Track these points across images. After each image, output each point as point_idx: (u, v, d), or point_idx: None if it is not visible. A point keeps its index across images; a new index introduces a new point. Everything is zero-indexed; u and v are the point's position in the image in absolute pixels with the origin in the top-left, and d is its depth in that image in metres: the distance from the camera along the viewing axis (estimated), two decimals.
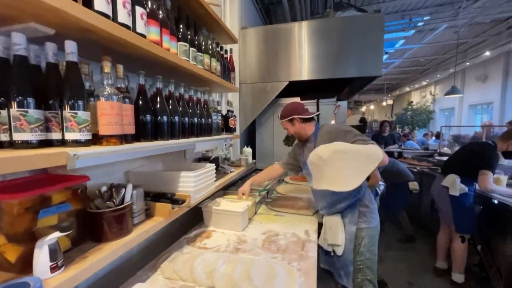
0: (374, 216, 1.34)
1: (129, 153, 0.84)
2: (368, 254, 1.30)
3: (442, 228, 2.34)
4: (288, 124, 1.52)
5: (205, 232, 1.37)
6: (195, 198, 1.17)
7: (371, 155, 1.20)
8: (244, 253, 1.14)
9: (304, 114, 1.46)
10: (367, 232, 1.30)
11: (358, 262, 1.30)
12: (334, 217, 1.35)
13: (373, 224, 1.32)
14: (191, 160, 1.81)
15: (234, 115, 1.89)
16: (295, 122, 1.48)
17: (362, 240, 1.30)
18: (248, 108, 2.63)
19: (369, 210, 1.33)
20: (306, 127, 1.49)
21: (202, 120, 1.34)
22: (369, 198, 1.37)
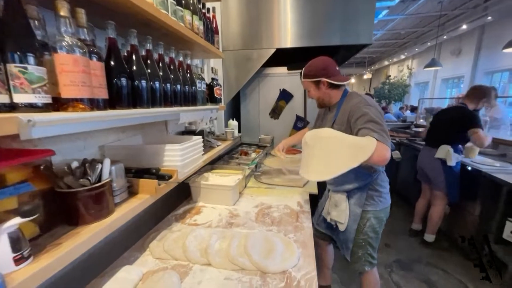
0: (383, 200, 1.24)
1: (103, 121, 0.70)
2: (371, 233, 1.25)
3: (423, 195, 2.48)
4: (311, 86, 1.24)
5: (194, 208, 1.30)
6: (183, 173, 1.07)
7: (358, 151, 0.98)
8: (238, 227, 1.10)
9: (336, 79, 1.18)
10: (374, 214, 1.23)
11: (360, 240, 1.26)
12: (340, 195, 1.27)
13: (381, 207, 1.24)
14: (173, 133, 1.68)
15: (219, 83, 1.73)
16: (321, 85, 1.21)
17: (367, 221, 1.24)
18: (232, 78, 2.46)
19: (378, 194, 1.23)
20: (333, 94, 1.23)
21: (185, 87, 1.19)
22: (380, 182, 1.24)
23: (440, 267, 2.04)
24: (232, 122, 2.31)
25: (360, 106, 1.10)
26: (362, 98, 1.15)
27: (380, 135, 1.00)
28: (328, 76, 1.18)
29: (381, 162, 0.98)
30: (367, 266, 1.29)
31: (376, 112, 1.07)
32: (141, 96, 0.86)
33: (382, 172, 1.27)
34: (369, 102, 1.12)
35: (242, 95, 2.74)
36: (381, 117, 1.06)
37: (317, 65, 1.21)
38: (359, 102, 1.13)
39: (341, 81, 1.21)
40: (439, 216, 2.25)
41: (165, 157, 1.03)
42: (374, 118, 1.04)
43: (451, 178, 2.13)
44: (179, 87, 1.12)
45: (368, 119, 1.04)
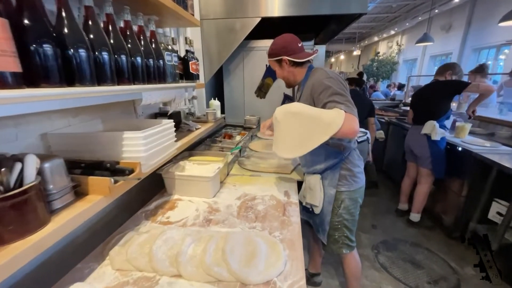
0: (357, 179, 1.21)
1: (16, 106, 0.50)
2: (347, 215, 1.22)
3: (407, 174, 2.49)
4: (275, 65, 1.21)
5: (168, 202, 1.15)
6: (149, 166, 0.90)
7: (327, 124, 0.93)
8: (217, 225, 0.96)
9: (297, 56, 1.14)
10: (348, 195, 1.20)
11: (336, 222, 1.23)
12: (314, 177, 1.22)
13: (355, 187, 1.20)
14: (144, 116, 1.46)
15: (196, 57, 1.50)
16: (283, 64, 1.17)
17: (341, 203, 1.20)
18: (213, 52, 2.20)
19: (352, 174, 1.19)
20: (296, 72, 1.18)
21: (149, 60, 0.98)
22: (353, 161, 1.20)
23: (424, 246, 2.06)
24: (214, 102, 2.10)
25: (321, 79, 1.04)
26: (323, 71, 1.09)
27: (346, 107, 0.95)
28: (288, 54, 1.14)
29: (350, 135, 0.94)
30: (345, 248, 1.27)
31: (339, 84, 1.02)
32: (80, 71, 0.65)
33: (353, 150, 1.22)
34: (330, 75, 1.05)
35: (225, 72, 2.49)
36: (344, 88, 1.02)
37: (278, 44, 1.17)
38: (319, 75, 1.07)
39: (303, 58, 1.14)
40: (425, 195, 2.26)
41: (125, 147, 0.85)
42: (337, 90, 0.99)
43: (437, 154, 2.14)
44: (139, 59, 0.90)
45: (332, 92, 0.99)
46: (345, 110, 0.93)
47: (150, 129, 0.88)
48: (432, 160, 2.16)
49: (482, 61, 6.60)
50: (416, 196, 2.30)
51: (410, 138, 2.38)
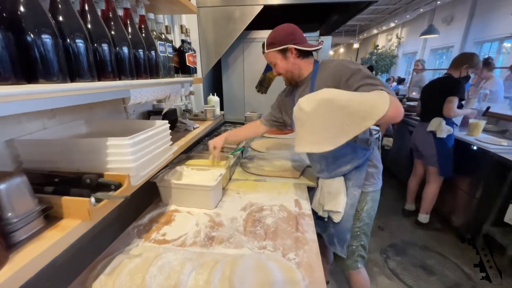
0: (381, 177, 1.11)
1: None
2: (367, 219, 1.09)
3: (414, 173, 2.40)
4: (277, 57, 1.03)
5: (164, 215, 1.01)
6: (140, 177, 0.76)
7: (371, 107, 0.76)
8: (221, 244, 0.83)
9: (304, 44, 0.99)
10: (372, 196, 1.08)
11: (356, 228, 1.09)
12: (336, 180, 1.07)
13: (379, 186, 1.10)
14: (136, 115, 1.31)
15: (193, 48, 1.34)
16: (289, 54, 1.01)
17: (365, 205, 1.08)
18: (210, 43, 2.03)
19: (378, 171, 1.08)
20: (303, 64, 1.03)
21: (138, 51, 0.82)
22: (377, 156, 1.10)
23: (435, 250, 1.97)
24: (213, 98, 1.95)
25: (346, 64, 0.93)
26: (339, 61, 0.97)
27: (386, 88, 0.82)
28: (296, 43, 0.99)
29: (397, 118, 0.80)
30: (359, 262, 1.13)
31: (365, 68, 0.90)
32: (44, 63, 0.50)
33: (374, 144, 1.10)
34: (351, 62, 0.95)
35: (224, 65, 2.33)
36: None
37: (284, 30, 1.01)
38: (341, 62, 0.96)
39: (311, 46, 1.01)
40: (434, 195, 2.16)
41: (110, 156, 0.70)
42: (368, 73, 0.87)
43: (443, 152, 2.04)
44: (125, 50, 0.74)
45: (363, 75, 0.86)
46: (386, 91, 0.79)
47: (140, 134, 0.73)
48: (438, 158, 2.05)
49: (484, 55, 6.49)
50: (424, 196, 2.19)
51: (416, 135, 2.27)
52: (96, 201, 0.61)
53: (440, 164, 2.05)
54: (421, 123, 2.19)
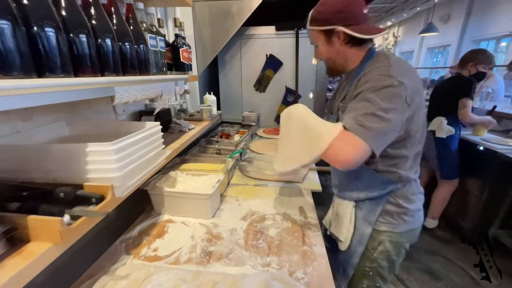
0: (409, 219, 0.83)
1: None
2: (384, 262, 0.86)
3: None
4: (320, 38, 0.77)
5: (156, 226, 0.92)
6: (126, 187, 0.66)
7: (315, 139, 0.66)
8: (220, 260, 0.74)
9: (358, 28, 0.72)
10: (390, 237, 0.83)
11: (367, 268, 0.89)
12: (345, 203, 0.90)
13: (403, 229, 0.83)
14: (126, 115, 1.21)
15: (188, 44, 1.24)
16: (335, 38, 0.75)
17: (379, 245, 0.85)
18: (206, 39, 1.93)
19: (403, 211, 0.82)
20: (350, 53, 0.77)
21: (125, 44, 0.72)
22: (408, 195, 0.82)
23: (440, 254, 1.91)
24: (209, 96, 1.85)
25: (381, 80, 0.65)
26: (388, 63, 0.69)
27: (357, 125, 0.63)
28: (347, 24, 0.72)
29: (335, 164, 0.65)
30: None
31: (391, 93, 0.64)
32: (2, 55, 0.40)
33: (414, 181, 0.83)
34: (393, 73, 0.65)
35: (221, 62, 2.23)
36: (395, 106, 0.64)
37: (335, 4, 0.73)
38: (381, 76, 0.66)
39: (368, 33, 0.72)
40: (442, 200, 2.04)
41: (91, 164, 0.61)
42: (375, 108, 0.63)
43: (444, 153, 1.94)
44: (108, 42, 0.65)
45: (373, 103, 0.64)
46: (347, 127, 0.63)
47: (126, 138, 0.64)
48: (439, 160, 1.96)
49: None
50: (433, 200, 2.09)
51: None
52: (72, 218, 0.52)
53: (440, 166, 1.97)
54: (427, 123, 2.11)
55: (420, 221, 0.86)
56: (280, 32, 2.10)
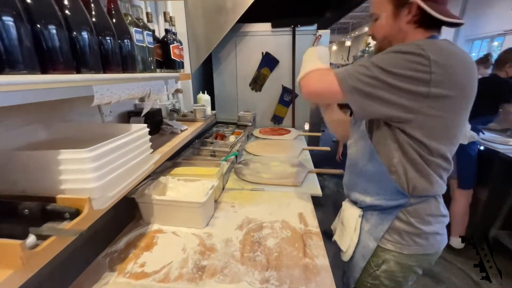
0: (423, 242, 0.72)
1: None
2: (387, 281, 0.78)
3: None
4: (387, 8, 0.68)
5: (144, 237, 0.84)
6: (108, 198, 0.59)
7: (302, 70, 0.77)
8: (214, 277, 0.67)
9: (436, 7, 0.62)
10: (396, 258, 0.74)
11: (369, 284, 0.82)
12: (352, 210, 0.83)
13: (412, 251, 0.73)
14: (113, 116, 1.13)
15: (179, 40, 1.17)
16: (404, 12, 0.65)
17: (383, 263, 0.76)
18: (200, 36, 1.85)
19: (415, 232, 0.71)
20: (412, 35, 0.67)
21: (106, 38, 0.65)
22: (424, 215, 0.71)
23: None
24: (203, 96, 1.77)
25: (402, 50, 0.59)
26: (432, 41, 0.62)
27: (339, 71, 0.65)
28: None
29: (304, 93, 0.72)
30: None
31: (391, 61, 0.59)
32: None
33: (433, 199, 0.72)
34: (424, 47, 0.57)
35: (215, 60, 2.16)
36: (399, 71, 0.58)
37: None
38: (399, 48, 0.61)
39: (445, 15, 0.61)
40: (463, 213, 1.84)
41: (65, 173, 0.53)
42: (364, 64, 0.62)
43: (465, 161, 1.74)
44: (85, 36, 0.57)
45: (360, 63, 0.64)
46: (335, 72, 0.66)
47: (106, 143, 0.57)
48: (459, 168, 1.76)
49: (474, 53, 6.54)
50: (453, 217, 1.83)
51: None
52: (41, 237, 0.45)
53: (460, 175, 1.77)
54: None
55: (437, 248, 0.75)
56: (276, 29, 2.03)
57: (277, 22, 2.01)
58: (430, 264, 0.78)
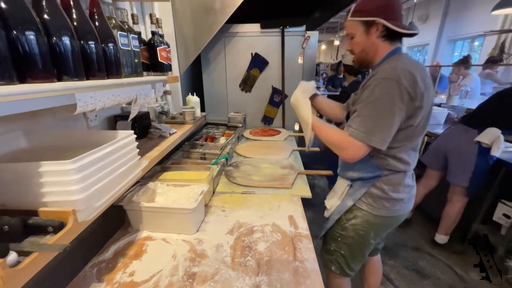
0: (390, 206, 0.92)
1: None
2: (352, 233, 0.99)
3: (424, 184, 2.04)
4: (359, 29, 0.85)
5: (133, 244, 0.83)
6: (94, 209, 0.58)
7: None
8: (205, 284, 0.67)
9: (396, 23, 0.80)
10: (365, 216, 0.95)
11: (337, 233, 1.04)
12: (343, 181, 1.04)
13: (380, 213, 0.93)
14: (99, 121, 1.11)
15: (166, 42, 1.15)
16: (373, 30, 0.82)
17: (352, 218, 0.98)
18: (188, 37, 1.82)
19: (385, 197, 0.91)
20: (381, 47, 0.84)
21: (88, 43, 0.63)
22: (396, 185, 0.90)
23: (425, 251, 1.94)
24: (192, 98, 1.75)
25: (377, 78, 0.78)
26: (396, 64, 0.77)
27: (357, 132, 0.80)
28: (387, 18, 0.80)
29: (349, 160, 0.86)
30: (335, 267, 1.08)
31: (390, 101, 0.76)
32: None
33: (403, 172, 0.90)
34: (393, 75, 0.75)
35: (204, 61, 2.13)
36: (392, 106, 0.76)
37: (375, 1, 0.82)
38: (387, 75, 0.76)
39: (402, 29, 0.80)
40: (457, 215, 1.82)
41: (47, 186, 0.51)
42: (378, 109, 0.78)
43: (480, 171, 1.66)
44: (66, 41, 0.55)
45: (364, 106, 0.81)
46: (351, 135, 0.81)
47: (91, 153, 0.55)
48: (474, 176, 1.67)
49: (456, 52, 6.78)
50: (445, 217, 1.87)
51: (454, 140, 1.78)
52: (23, 254, 0.43)
53: (472, 182, 1.69)
54: (463, 128, 1.75)
55: (401, 213, 0.95)
56: (266, 30, 2.03)
57: (266, 23, 2.02)
58: (390, 227, 1.00)
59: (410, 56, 0.85)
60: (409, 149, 0.87)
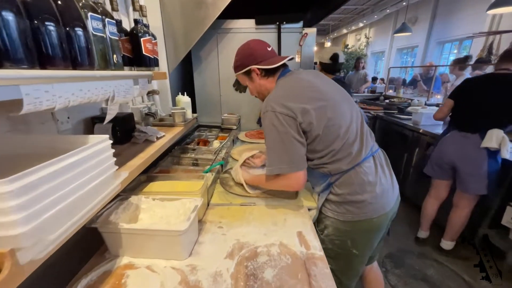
0: (354, 210, 0.89)
1: None
2: (330, 244, 0.97)
3: (435, 195, 1.90)
4: (245, 79, 1.04)
5: (111, 276, 0.67)
6: (48, 243, 0.42)
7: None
8: None
9: (267, 62, 0.95)
10: (332, 224, 0.95)
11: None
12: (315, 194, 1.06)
13: (347, 219, 0.91)
14: (72, 125, 0.94)
15: (152, 33, 1.00)
16: (253, 75, 0.98)
17: (325, 229, 0.98)
18: (178, 33, 1.67)
19: (344, 201, 0.90)
20: (268, 84, 0.99)
21: (45, 24, 0.48)
22: (347, 185, 0.89)
23: (431, 257, 1.85)
24: (183, 98, 1.60)
25: (262, 113, 0.89)
26: (274, 94, 0.90)
27: (268, 166, 0.90)
28: (257, 62, 0.95)
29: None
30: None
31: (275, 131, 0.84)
32: None
33: (352, 170, 0.88)
34: (269, 108, 0.85)
35: (195, 59, 1.99)
36: (279, 133, 0.83)
37: (243, 51, 1.00)
38: (263, 106, 0.89)
39: (276, 62, 0.94)
40: (465, 220, 1.74)
41: None
42: (270, 142, 0.88)
43: (494, 174, 1.59)
44: (11, 19, 0.40)
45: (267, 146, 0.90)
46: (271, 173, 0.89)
47: (37, 168, 0.40)
48: (489, 182, 1.59)
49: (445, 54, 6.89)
50: (453, 222, 1.78)
51: (455, 150, 1.68)
52: None
53: (489, 187, 1.60)
54: (462, 134, 1.66)
55: (373, 216, 0.90)
56: (261, 26, 1.91)
57: (262, 19, 1.89)
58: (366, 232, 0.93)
59: (297, 72, 0.96)
60: (338, 149, 0.87)
